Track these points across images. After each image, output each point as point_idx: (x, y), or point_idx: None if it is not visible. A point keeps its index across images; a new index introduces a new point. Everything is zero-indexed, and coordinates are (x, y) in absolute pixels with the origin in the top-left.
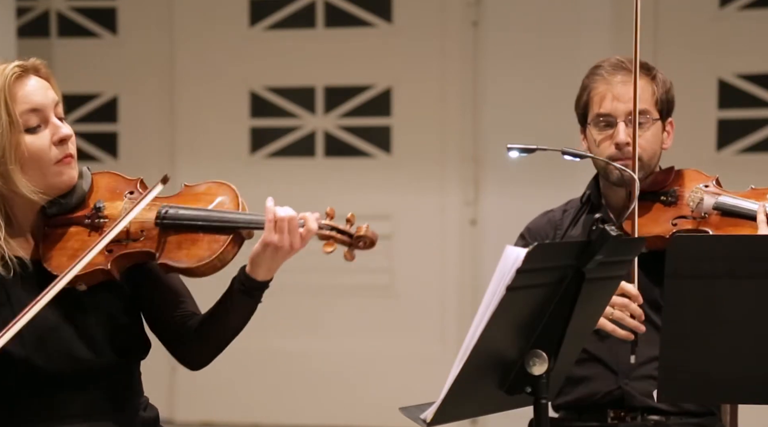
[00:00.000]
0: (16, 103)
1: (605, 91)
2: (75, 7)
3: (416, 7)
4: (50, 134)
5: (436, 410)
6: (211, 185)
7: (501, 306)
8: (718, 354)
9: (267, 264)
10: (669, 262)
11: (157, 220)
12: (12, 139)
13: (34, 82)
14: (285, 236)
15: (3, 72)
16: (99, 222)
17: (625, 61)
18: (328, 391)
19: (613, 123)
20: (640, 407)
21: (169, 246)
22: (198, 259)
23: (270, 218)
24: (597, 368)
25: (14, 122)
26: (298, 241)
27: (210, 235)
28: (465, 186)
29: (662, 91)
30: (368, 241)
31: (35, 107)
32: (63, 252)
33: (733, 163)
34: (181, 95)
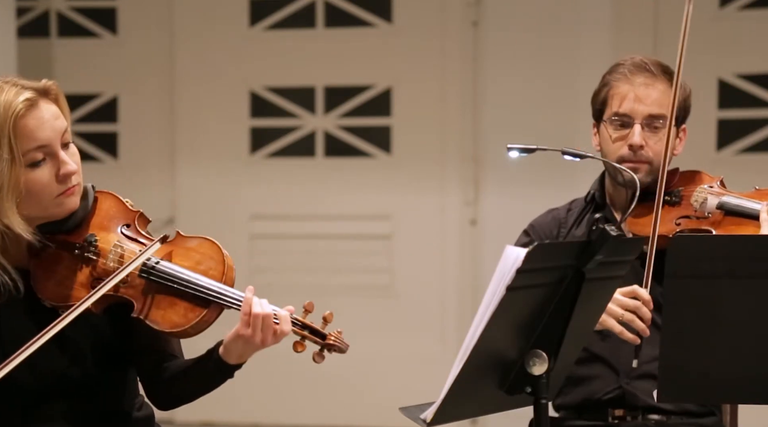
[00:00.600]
0: (21, 140)
1: (626, 91)
2: (75, 7)
3: (416, 7)
4: (54, 169)
5: (436, 410)
6: (203, 242)
7: (501, 306)
8: (718, 354)
9: (238, 352)
10: (669, 262)
11: (143, 272)
12: (12, 177)
13: (42, 112)
14: (258, 333)
15: (10, 106)
16: (88, 256)
17: (648, 62)
18: (328, 391)
19: (629, 124)
20: (641, 407)
21: (147, 301)
22: (172, 325)
23: (246, 310)
24: (598, 367)
25: (15, 159)
26: (270, 338)
27: (188, 303)
28: (465, 186)
29: (681, 98)
30: (338, 349)
31: (42, 144)
32: (51, 277)
33: (733, 163)
34: (181, 95)
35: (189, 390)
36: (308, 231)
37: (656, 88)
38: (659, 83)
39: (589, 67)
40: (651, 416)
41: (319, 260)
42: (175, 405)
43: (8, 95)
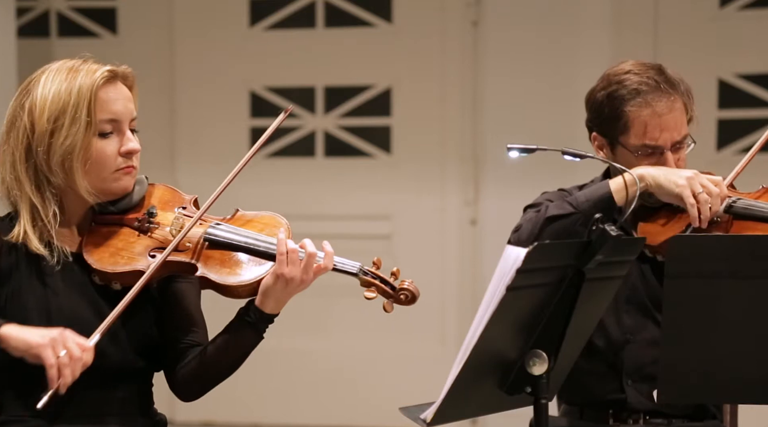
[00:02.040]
0: (98, 108)
1: (651, 121)
2: (75, 7)
3: (416, 7)
4: (119, 144)
5: (436, 410)
6: (264, 215)
7: (501, 306)
8: (718, 354)
9: (276, 296)
10: (669, 262)
11: (207, 235)
12: (84, 140)
13: (119, 90)
14: (297, 269)
15: (93, 74)
16: (148, 226)
17: (659, 79)
18: (329, 391)
19: (658, 152)
20: (642, 410)
21: (212, 261)
22: (240, 279)
23: (282, 250)
24: (599, 363)
25: (92, 124)
26: (310, 274)
27: (255, 258)
28: (465, 186)
29: (691, 103)
30: (410, 295)
31: (114, 118)
32: (106, 249)
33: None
34: (181, 95)
35: (217, 364)
36: (308, 231)
37: (677, 109)
38: (677, 102)
39: (589, 67)
40: (652, 420)
41: None
42: (202, 391)
43: (91, 66)
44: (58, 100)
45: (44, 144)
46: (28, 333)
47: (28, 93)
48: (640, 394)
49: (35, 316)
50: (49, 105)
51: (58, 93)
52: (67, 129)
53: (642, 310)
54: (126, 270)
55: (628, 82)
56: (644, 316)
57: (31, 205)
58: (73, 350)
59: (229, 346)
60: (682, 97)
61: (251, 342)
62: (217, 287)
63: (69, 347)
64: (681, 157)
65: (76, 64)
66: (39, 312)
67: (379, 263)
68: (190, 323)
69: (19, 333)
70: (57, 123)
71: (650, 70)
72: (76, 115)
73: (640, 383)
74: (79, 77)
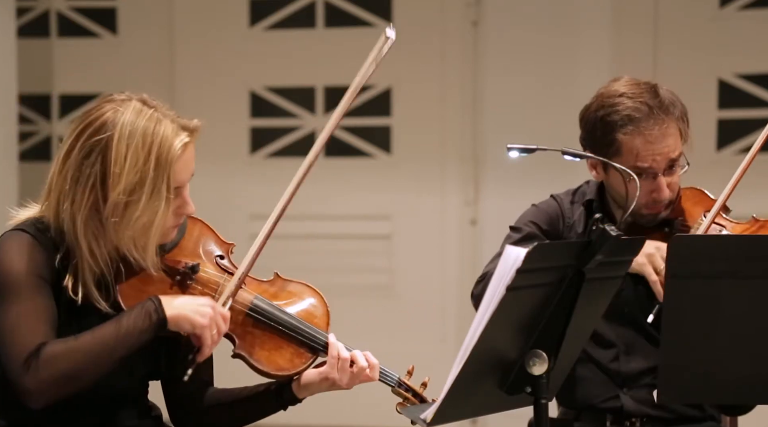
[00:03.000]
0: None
1: (646, 151)
2: (75, 7)
3: (416, 7)
4: (176, 205)
5: (436, 410)
6: (305, 289)
7: (501, 306)
8: (718, 354)
9: (316, 390)
10: (669, 262)
11: (249, 311)
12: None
13: (189, 156)
14: (346, 376)
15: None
16: (188, 283)
17: (652, 104)
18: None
19: (650, 175)
20: (640, 415)
21: (250, 339)
22: (277, 368)
23: (334, 354)
24: (594, 371)
25: (169, 199)
26: (355, 383)
27: (295, 347)
28: (465, 186)
29: (685, 127)
30: None
31: (181, 186)
32: (141, 294)
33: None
34: (181, 95)
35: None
36: (308, 231)
37: (670, 135)
38: (671, 127)
39: (588, 67)
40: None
41: (319, 260)
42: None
43: (167, 132)
44: (134, 172)
45: (117, 216)
46: (188, 312)
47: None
48: (636, 401)
49: None
50: (126, 176)
51: (135, 162)
52: (146, 204)
53: (634, 324)
54: None
55: (621, 107)
56: (637, 330)
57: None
58: (222, 326)
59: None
60: (676, 122)
61: (274, 411)
62: (250, 366)
63: (219, 324)
64: (674, 181)
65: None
66: None
67: (412, 371)
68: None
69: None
70: (133, 196)
71: (644, 94)
72: (155, 190)
73: (635, 390)
74: (156, 146)
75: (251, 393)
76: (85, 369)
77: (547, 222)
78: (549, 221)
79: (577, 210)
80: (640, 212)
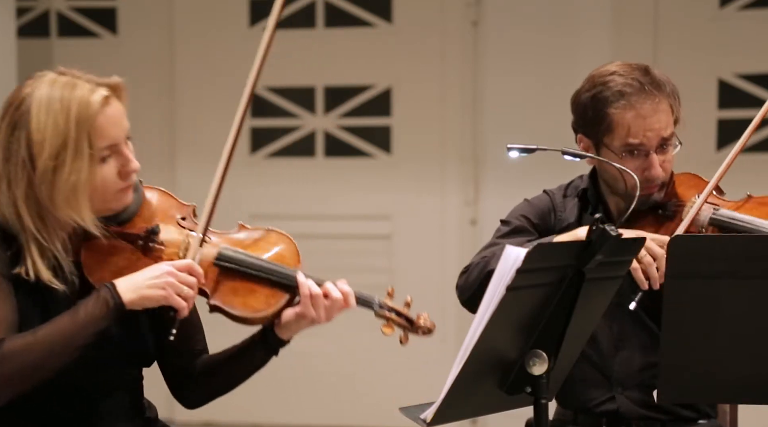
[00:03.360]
0: (98, 137)
1: (635, 122)
2: (75, 7)
3: (416, 7)
4: (118, 165)
5: (436, 410)
6: (271, 233)
7: (501, 306)
8: (717, 354)
9: (297, 328)
10: (669, 262)
11: (217, 260)
12: (90, 173)
13: (115, 110)
14: (323, 311)
15: (88, 104)
16: (151, 246)
17: (643, 81)
18: (328, 391)
19: (642, 153)
20: (635, 418)
21: (223, 289)
22: (254, 310)
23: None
24: (589, 370)
25: (95, 156)
26: (334, 315)
27: (269, 289)
28: (465, 186)
29: (677, 105)
30: (427, 331)
31: (113, 143)
32: (107, 267)
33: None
34: (181, 95)
35: (229, 378)
36: (308, 231)
37: (662, 111)
38: (663, 103)
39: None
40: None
41: (319, 260)
42: (208, 398)
43: (83, 92)
44: (56, 135)
45: (47, 181)
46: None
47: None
48: (631, 402)
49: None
50: (49, 141)
51: (55, 126)
52: (71, 165)
53: (631, 315)
54: None
55: (612, 84)
56: (634, 321)
57: (36, 240)
58: (189, 280)
59: (243, 364)
60: (667, 99)
61: (265, 361)
62: (229, 316)
63: (185, 282)
64: (667, 159)
65: (67, 86)
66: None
67: (392, 293)
68: (191, 329)
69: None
70: (59, 159)
71: (635, 71)
72: (78, 149)
73: (630, 390)
74: (74, 106)
75: (239, 347)
76: (44, 362)
77: (538, 216)
78: (539, 215)
79: (569, 203)
80: (632, 193)
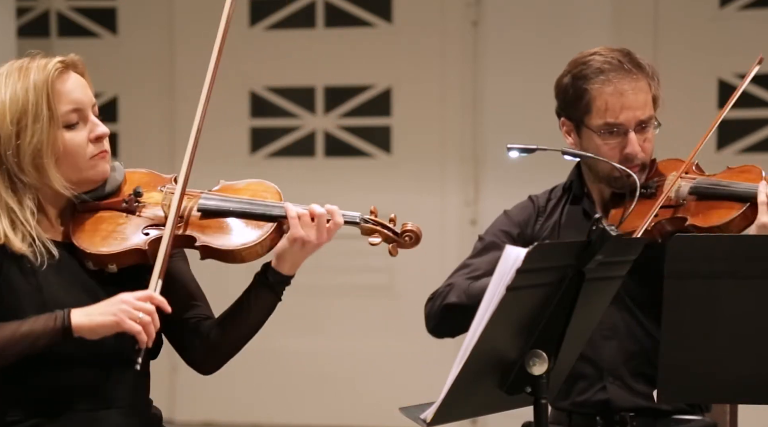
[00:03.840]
0: (57, 100)
1: (614, 99)
2: (75, 7)
3: (416, 7)
4: (87, 131)
5: (436, 410)
6: (251, 182)
7: (501, 306)
8: (717, 354)
9: (293, 258)
10: (669, 262)
11: (199, 207)
12: (50, 135)
13: (74, 79)
14: (312, 231)
15: (45, 67)
16: (136, 206)
17: (622, 59)
18: (328, 391)
19: (622, 132)
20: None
21: (209, 231)
22: (241, 242)
23: (292, 214)
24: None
25: (54, 118)
26: (324, 234)
27: (255, 222)
28: (465, 186)
29: (657, 86)
30: (413, 236)
31: (76, 107)
32: (96, 233)
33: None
34: (181, 95)
35: (238, 331)
36: None
37: (642, 90)
38: (642, 82)
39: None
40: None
41: (319, 260)
42: (222, 359)
43: (40, 61)
44: (16, 101)
45: (12, 147)
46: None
47: None
48: (622, 391)
49: (31, 313)
50: (9, 107)
51: (14, 94)
52: (31, 128)
53: (618, 303)
54: (122, 250)
55: (592, 62)
56: (620, 309)
57: (8, 208)
58: (145, 306)
59: (250, 310)
60: (647, 78)
61: (270, 304)
62: (219, 253)
63: (140, 307)
64: (647, 138)
65: (25, 63)
66: (35, 310)
67: (376, 212)
68: (193, 298)
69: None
70: (20, 124)
71: (616, 52)
72: (38, 113)
73: (621, 379)
74: (31, 74)
75: (243, 293)
76: None
77: (517, 226)
78: (519, 224)
79: (553, 203)
80: (612, 174)
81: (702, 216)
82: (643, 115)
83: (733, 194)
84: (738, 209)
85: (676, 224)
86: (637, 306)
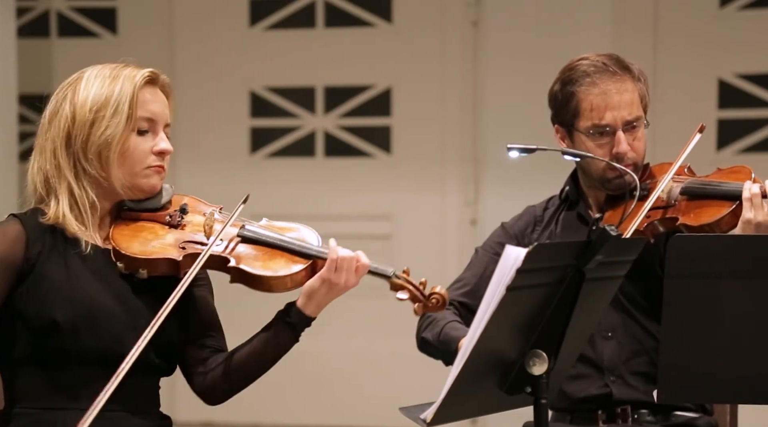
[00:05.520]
0: (138, 105)
1: (600, 101)
2: (75, 7)
3: (416, 7)
4: (153, 143)
5: (436, 410)
6: (294, 225)
7: (501, 306)
8: (717, 354)
9: (319, 299)
10: (669, 262)
11: (240, 232)
12: (123, 133)
13: (158, 93)
14: (342, 274)
15: (136, 74)
16: (179, 222)
17: (608, 62)
18: (329, 391)
19: (610, 132)
20: (629, 401)
21: (245, 256)
22: (274, 271)
23: (333, 256)
24: (582, 366)
25: (132, 118)
26: (353, 278)
27: (290, 255)
28: (465, 186)
29: (644, 88)
30: (440, 299)
31: (151, 117)
32: (134, 238)
33: (733, 163)
34: (181, 95)
35: (250, 365)
36: None
37: (627, 91)
38: (627, 83)
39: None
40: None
41: None
42: (230, 392)
43: (131, 68)
44: (101, 94)
45: (84, 133)
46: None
47: (71, 87)
48: (625, 387)
49: (59, 302)
50: (92, 97)
51: (101, 87)
52: (108, 120)
53: (616, 306)
54: (157, 258)
55: (579, 67)
56: (617, 309)
57: (70, 191)
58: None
59: (267, 346)
60: (632, 79)
61: (288, 344)
62: (250, 278)
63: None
64: (637, 138)
65: (119, 66)
66: (62, 299)
67: (408, 272)
68: (212, 328)
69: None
70: (98, 114)
71: (603, 56)
72: (118, 108)
73: (622, 378)
74: (122, 76)
75: (261, 332)
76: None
77: (513, 238)
78: (514, 237)
79: (550, 212)
80: (605, 176)
81: (693, 215)
82: (629, 115)
83: (722, 193)
84: (728, 207)
85: (668, 224)
86: (632, 305)
